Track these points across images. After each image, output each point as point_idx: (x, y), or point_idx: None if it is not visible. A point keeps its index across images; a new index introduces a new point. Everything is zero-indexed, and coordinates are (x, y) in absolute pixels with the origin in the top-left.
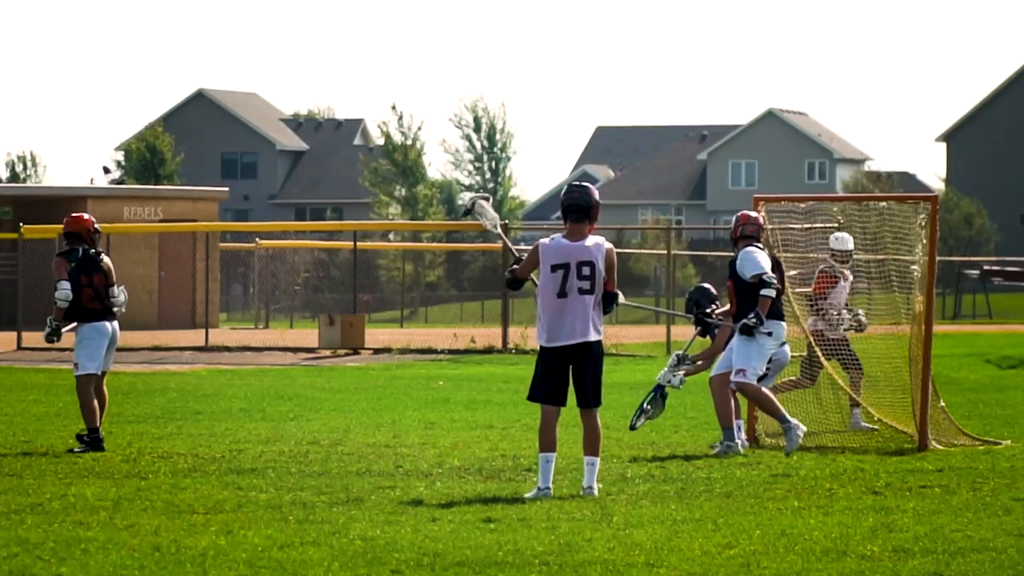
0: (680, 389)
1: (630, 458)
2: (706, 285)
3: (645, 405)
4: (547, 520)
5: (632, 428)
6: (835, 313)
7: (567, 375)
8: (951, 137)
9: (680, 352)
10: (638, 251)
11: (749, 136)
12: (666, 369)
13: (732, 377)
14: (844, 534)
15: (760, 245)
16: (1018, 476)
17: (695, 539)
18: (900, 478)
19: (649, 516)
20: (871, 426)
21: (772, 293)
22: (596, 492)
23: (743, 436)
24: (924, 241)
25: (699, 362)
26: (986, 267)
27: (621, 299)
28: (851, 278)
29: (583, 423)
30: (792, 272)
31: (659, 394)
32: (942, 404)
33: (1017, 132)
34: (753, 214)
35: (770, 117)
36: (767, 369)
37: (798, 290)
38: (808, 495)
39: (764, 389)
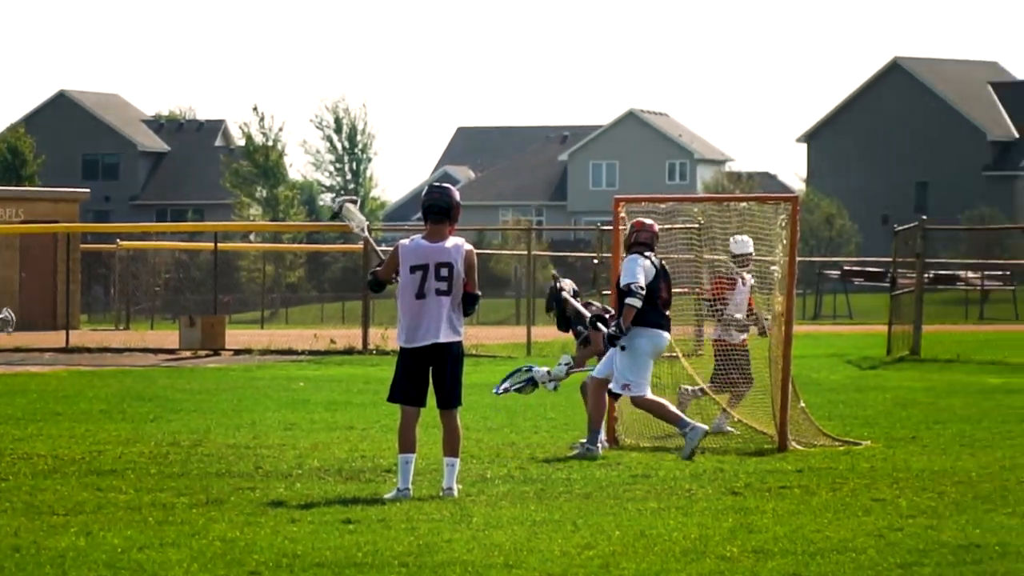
0: (564, 377)
1: (490, 459)
2: (567, 281)
3: (512, 386)
4: (407, 521)
5: (496, 392)
6: (739, 316)
7: (426, 376)
8: (812, 138)
9: (568, 355)
10: (499, 252)
11: (610, 137)
12: (546, 370)
13: (615, 388)
14: (703, 535)
15: (649, 254)
16: (877, 477)
17: (554, 540)
18: (760, 479)
19: (509, 517)
20: (733, 429)
21: (636, 303)
22: (456, 493)
23: (604, 437)
24: (784, 242)
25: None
26: (846, 268)
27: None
28: (751, 281)
29: (443, 424)
30: None
31: (530, 383)
32: (802, 405)
33: (877, 133)
34: (648, 221)
35: (631, 118)
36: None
37: None
38: (668, 496)
39: (657, 398)
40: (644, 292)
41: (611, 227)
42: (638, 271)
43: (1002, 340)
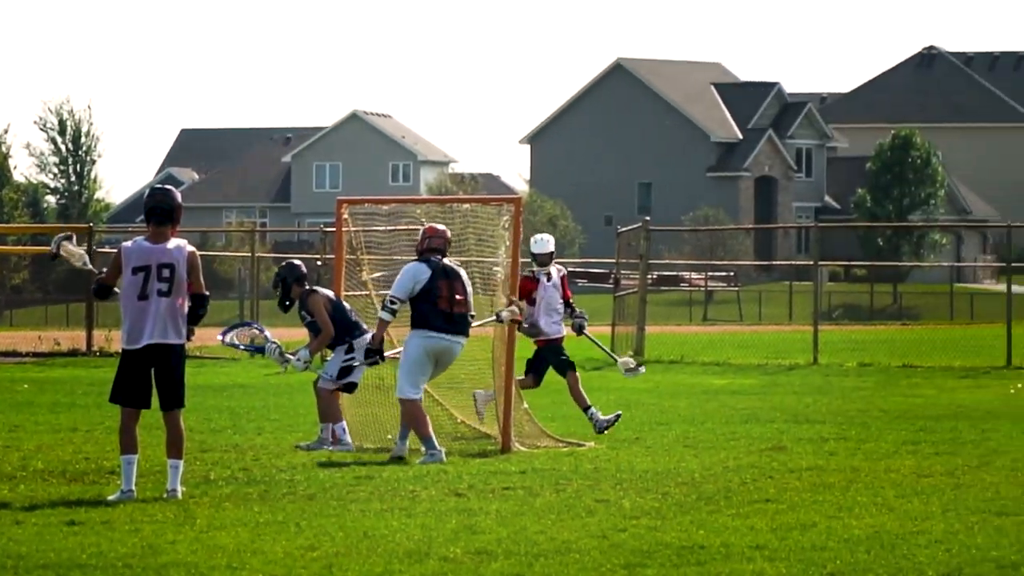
0: (299, 371)
1: (214, 460)
2: (296, 262)
3: (240, 344)
4: (130, 523)
5: (220, 338)
6: (549, 315)
7: (148, 377)
8: (535, 139)
9: (306, 351)
10: (222, 253)
11: (333, 138)
12: (279, 351)
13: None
14: (427, 536)
15: (437, 259)
16: (601, 478)
17: (278, 541)
18: (483, 480)
19: (232, 518)
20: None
21: (385, 317)
22: (180, 495)
23: (330, 437)
24: (508, 243)
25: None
26: (571, 269)
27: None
28: (556, 278)
29: (166, 425)
30: (376, 274)
31: (259, 352)
32: (525, 406)
33: (599, 134)
34: (440, 227)
35: (354, 119)
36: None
37: (381, 292)
38: (391, 497)
39: (419, 413)
40: (397, 305)
41: (334, 229)
42: (403, 283)
43: (726, 341)
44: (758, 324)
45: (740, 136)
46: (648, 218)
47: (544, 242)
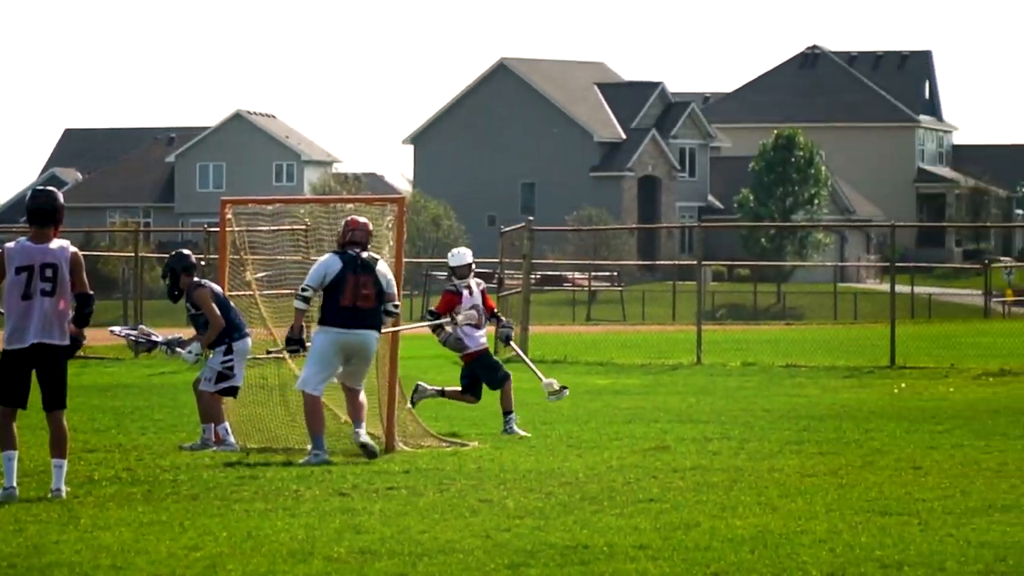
0: (190, 364)
1: (98, 460)
2: (186, 252)
3: (130, 336)
4: (15, 523)
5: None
6: (470, 327)
7: (28, 377)
8: (418, 139)
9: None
10: (106, 253)
11: (217, 138)
12: (166, 344)
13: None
14: (310, 536)
15: (355, 253)
16: (485, 477)
17: (162, 541)
18: (367, 480)
19: (116, 518)
20: (525, 432)
21: (300, 305)
22: (64, 494)
23: (212, 438)
24: (391, 243)
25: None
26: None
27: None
28: (476, 291)
29: (49, 426)
30: (260, 274)
31: (149, 345)
32: (409, 406)
33: (482, 134)
34: (362, 220)
35: (238, 119)
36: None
37: (267, 292)
38: (275, 497)
39: (316, 410)
40: (309, 292)
41: (218, 229)
42: (315, 272)
43: (609, 341)
44: (642, 324)
45: (623, 136)
46: (532, 218)
47: (461, 255)
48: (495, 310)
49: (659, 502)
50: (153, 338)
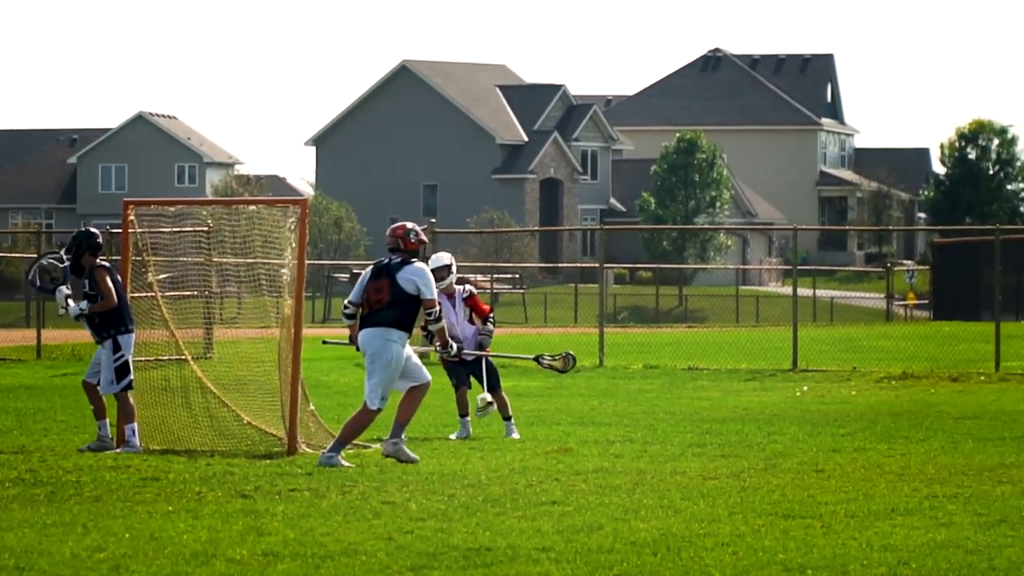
0: (72, 317)
1: (0, 462)
2: (94, 231)
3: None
4: None
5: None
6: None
7: None
8: (320, 141)
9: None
10: (9, 255)
11: (119, 139)
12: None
13: None
14: (213, 538)
15: (388, 259)
16: (387, 480)
17: (65, 542)
18: (269, 481)
19: (19, 520)
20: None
21: (346, 321)
22: None
23: (108, 434)
24: (293, 245)
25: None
26: (356, 270)
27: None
28: (456, 294)
29: None
30: (162, 276)
31: (65, 298)
32: (312, 408)
33: (384, 136)
34: (396, 225)
35: (140, 120)
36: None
37: (169, 294)
38: (178, 499)
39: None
40: (350, 311)
41: (120, 230)
42: (355, 288)
43: (511, 343)
44: (544, 326)
45: (525, 138)
46: (434, 220)
47: (439, 259)
48: (489, 314)
49: (562, 504)
50: (58, 285)
